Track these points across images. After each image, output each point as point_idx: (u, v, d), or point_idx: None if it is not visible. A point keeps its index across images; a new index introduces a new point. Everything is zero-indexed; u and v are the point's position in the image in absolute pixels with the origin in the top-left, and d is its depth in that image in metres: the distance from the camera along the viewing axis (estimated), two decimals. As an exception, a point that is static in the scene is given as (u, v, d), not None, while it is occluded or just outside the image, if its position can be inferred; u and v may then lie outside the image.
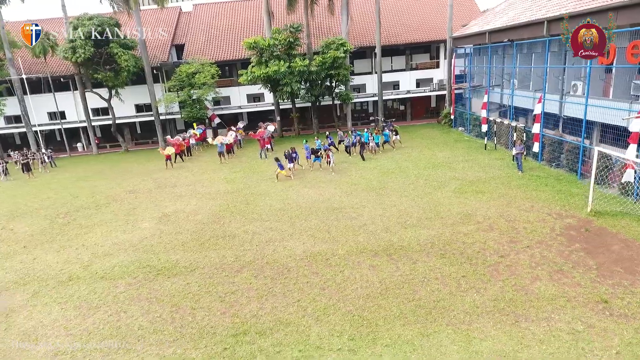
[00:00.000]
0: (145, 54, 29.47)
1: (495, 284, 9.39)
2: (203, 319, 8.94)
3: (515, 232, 11.89)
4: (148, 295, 10.17)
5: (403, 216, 13.79)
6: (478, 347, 7.42)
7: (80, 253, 13.02)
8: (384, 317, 8.51)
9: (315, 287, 9.87)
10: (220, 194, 18.07)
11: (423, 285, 9.55)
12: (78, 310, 9.69)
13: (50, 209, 17.98)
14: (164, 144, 28.77)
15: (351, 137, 23.27)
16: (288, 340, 8.04)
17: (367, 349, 7.61)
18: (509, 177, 17.10)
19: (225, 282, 10.47)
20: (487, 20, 24.97)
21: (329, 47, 27.24)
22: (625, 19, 13.79)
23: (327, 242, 12.28)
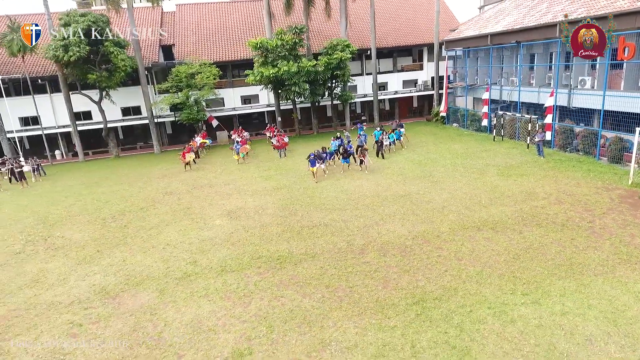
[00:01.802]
0: (138, 54, 28.05)
1: (604, 243, 10.82)
2: (370, 294, 9.25)
3: (583, 203, 13.58)
4: (290, 280, 10.19)
5: (472, 197, 14.98)
6: (637, 288, 8.66)
7: (171, 252, 12.44)
8: (536, 275, 9.50)
9: (450, 259, 10.58)
10: (271, 191, 18.00)
11: (545, 249, 10.70)
12: (230, 301, 9.46)
13: (88, 215, 16.66)
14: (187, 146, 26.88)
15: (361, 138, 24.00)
16: (468, 302, 8.69)
17: (545, 300, 8.50)
18: (536, 162, 19.13)
19: (358, 263, 10.79)
20: (481, 24, 27.41)
21: (334, 48, 28.05)
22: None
23: (423, 223, 13.05)
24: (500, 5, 28.23)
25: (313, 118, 32.31)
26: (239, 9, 36.66)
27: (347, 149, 20.55)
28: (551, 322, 7.83)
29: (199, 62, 28.82)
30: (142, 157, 29.39)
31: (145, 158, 29.02)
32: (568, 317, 7.94)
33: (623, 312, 7.98)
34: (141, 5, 34.41)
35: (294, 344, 7.80)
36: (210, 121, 31.01)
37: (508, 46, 24.28)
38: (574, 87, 20.27)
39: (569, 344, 7.23)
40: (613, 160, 17.81)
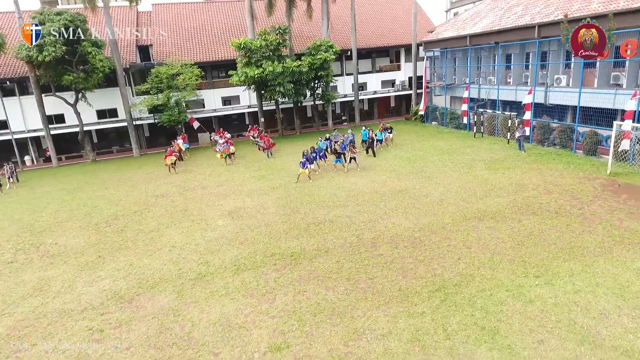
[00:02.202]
0: (116, 55, 27.18)
1: (597, 227, 11.62)
2: (391, 284, 9.52)
3: (570, 193, 14.49)
4: (310, 275, 10.30)
5: (467, 190, 15.62)
6: (636, 266, 9.39)
7: (179, 253, 12.23)
8: (543, 259, 10.09)
9: (460, 248, 11.04)
10: (267, 190, 17.98)
11: (545, 235, 11.37)
12: (253, 298, 9.46)
13: (77, 221, 16.01)
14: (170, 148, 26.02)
15: (349, 136, 24.33)
16: (487, 286, 9.13)
17: (557, 281, 9.07)
18: (518, 156, 20.15)
19: (372, 256, 11.05)
20: (459, 26, 28.49)
21: (317, 49, 28.31)
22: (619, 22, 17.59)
23: (426, 216, 13.50)
24: (476, 8, 29.48)
25: (296, 118, 32.41)
26: (217, 9, 36.23)
27: (341, 149, 20.52)
28: (566, 300, 8.40)
29: (180, 62, 28.26)
30: (121, 161, 28.44)
31: (124, 162, 28.10)
32: (580, 294, 8.53)
33: (627, 287, 8.66)
34: (116, 5, 33.26)
35: (329, 335, 7.94)
36: (191, 123, 30.43)
37: (486, 47, 25.39)
38: (550, 85, 21.51)
39: (586, 318, 7.79)
40: (588, 152, 19.06)
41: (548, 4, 21.78)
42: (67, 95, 27.15)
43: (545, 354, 6.97)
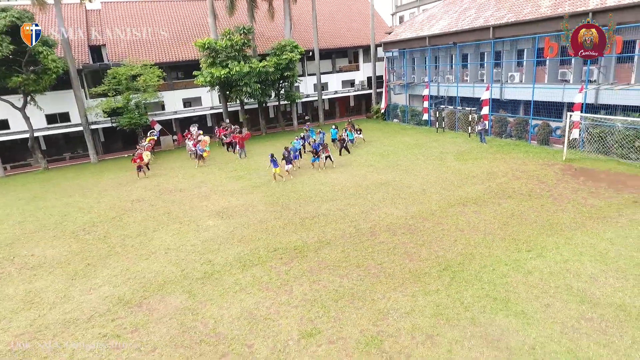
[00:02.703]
0: (69, 55, 25.48)
1: (567, 206, 12.96)
2: (401, 267, 10.02)
3: (536, 178, 15.94)
4: (319, 265, 10.53)
5: (444, 180, 16.62)
6: (608, 236, 10.66)
7: (176, 255, 11.91)
8: (529, 235, 11.11)
9: (453, 231, 11.82)
10: (250, 189, 17.88)
11: (525, 215, 12.48)
12: (270, 291, 9.52)
13: (49, 230, 14.94)
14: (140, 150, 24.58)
15: (318, 137, 24.65)
16: (487, 262, 9.91)
17: (547, 253, 10.07)
18: (481, 148, 21.68)
19: (374, 244, 11.50)
20: (416, 27, 29.93)
21: (282, 49, 28.42)
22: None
23: (414, 205, 14.22)
24: (430, 11, 31.14)
25: (261, 119, 32.26)
26: (171, 9, 35.03)
27: (316, 148, 20.46)
28: (559, 268, 9.38)
29: (140, 63, 27.08)
30: (78, 168, 26.67)
31: (82, 169, 26.37)
32: (569, 263, 9.57)
33: (606, 254, 9.84)
34: (63, 2, 30.99)
35: (356, 318, 8.26)
36: (153, 126, 29.23)
37: (445, 47, 26.95)
38: (505, 82, 23.37)
39: (580, 282, 8.79)
40: (542, 142, 20.99)
41: (499, 7, 23.67)
42: (13, 99, 24.99)
43: (554, 315, 7.81)
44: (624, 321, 7.48)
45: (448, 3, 30.04)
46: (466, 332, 7.56)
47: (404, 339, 7.53)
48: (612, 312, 7.73)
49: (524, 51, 22.40)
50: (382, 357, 7.12)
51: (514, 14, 21.67)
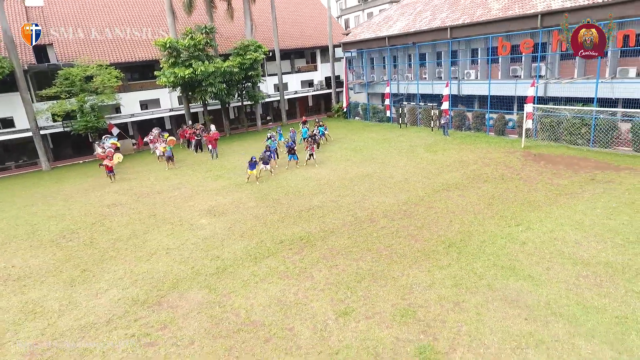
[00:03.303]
0: (14, 54, 23.41)
1: (537, 185, 14.45)
2: (409, 248, 10.67)
3: (503, 164, 17.49)
4: (331, 252, 10.87)
5: (422, 170, 17.67)
6: (579, 208, 12.11)
7: (180, 254, 11.63)
8: (514, 212, 12.29)
9: (446, 213, 12.72)
10: (233, 187, 17.72)
11: (504, 195, 13.73)
12: (291, 279, 9.70)
13: (22, 240, 13.81)
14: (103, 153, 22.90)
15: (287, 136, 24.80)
16: (485, 237, 10.86)
17: (533, 226, 11.25)
18: (446, 140, 23.20)
19: (377, 229, 12.07)
20: (374, 28, 31.15)
21: (245, 49, 28.24)
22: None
23: (401, 193, 15.03)
24: (386, 13, 32.57)
25: (224, 120, 31.74)
26: (121, 7, 33.34)
27: (291, 146, 20.57)
28: (547, 238, 10.57)
29: (94, 63, 25.53)
30: (29, 177, 24.55)
31: (35, 177, 24.32)
32: (554, 233, 10.80)
33: (582, 223, 11.23)
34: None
35: (384, 294, 8.75)
36: (110, 129, 27.66)
37: (405, 47, 28.38)
38: (461, 78, 25.20)
39: (568, 247, 9.99)
40: (499, 133, 22.96)
41: (453, 10, 25.47)
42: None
43: (556, 276, 8.85)
44: (613, 275, 8.69)
45: (403, 5, 31.66)
46: (487, 296, 8.35)
47: (434, 308, 8.15)
48: (602, 269, 8.94)
49: (478, 50, 24.37)
50: (420, 325, 7.68)
51: (468, 16, 23.49)
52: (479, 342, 7.11)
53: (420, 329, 7.58)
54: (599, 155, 17.41)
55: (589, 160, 16.86)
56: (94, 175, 23.03)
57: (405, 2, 32.09)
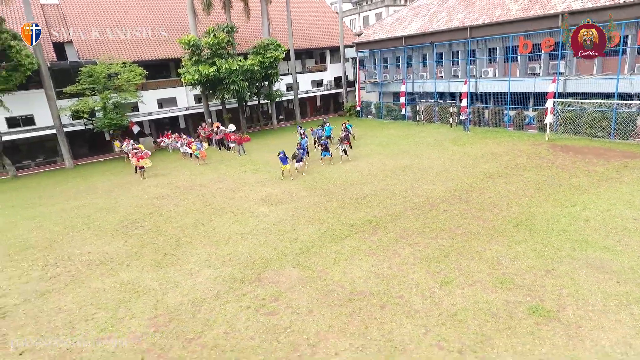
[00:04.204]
0: (40, 51, 23.33)
1: (575, 172, 15.36)
2: (480, 227, 11.34)
3: (534, 155, 18.41)
4: (405, 233, 11.45)
5: (457, 161, 18.44)
6: (624, 190, 13.02)
7: (257, 237, 12.03)
8: (565, 195, 13.10)
9: (501, 197, 13.43)
10: (276, 180, 18.13)
11: (548, 182, 14.55)
12: (379, 256, 10.24)
13: (83, 231, 13.96)
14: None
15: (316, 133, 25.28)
16: (548, 217, 11.61)
17: (589, 206, 12.05)
18: (468, 135, 24.11)
19: (440, 212, 12.68)
20: (387, 29, 32.02)
21: (266, 48, 28.69)
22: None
23: (447, 181, 15.73)
24: (397, 15, 33.53)
25: (242, 118, 32.06)
26: (138, 6, 33.36)
27: (325, 143, 20.55)
28: (606, 215, 11.35)
29: (119, 61, 25.58)
30: (54, 175, 24.40)
31: (58, 175, 24.19)
32: (611, 211, 11.61)
33: (632, 202, 12.08)
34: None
35: (475, 266, 9.38)
36: (131, 127, 27.69)
37: (420, 46, 29.30)
38: (479, 76, 26.23)
39: (629, 223, 10.79)
40: (518, 128, 24.02)
41: (470, 10, 26.54)
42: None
43: (629, 246, 9.65)
44: (680, 244, 9.57)
45: (414, 7, 32.66)
46: (573, 265, 9.08)
47: (528, 276, 8.83)
48: (668, 239, 9.81)
49: (496, 49, 25.44)
50: (522, 289, 8.34)
51: (487, 16, 24.55)
52: (583, 301, 7.81)
53: (523, 292, 8.24)
54: (622, 146, 18.54)
55: (614, 151, 17.95)
56: (122, 172, 23.11)
57: (416, 4, 33.11)
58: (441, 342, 7.06)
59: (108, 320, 8.58)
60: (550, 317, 7.44)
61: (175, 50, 30.42)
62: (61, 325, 8.57)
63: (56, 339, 8.09)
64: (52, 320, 8.76)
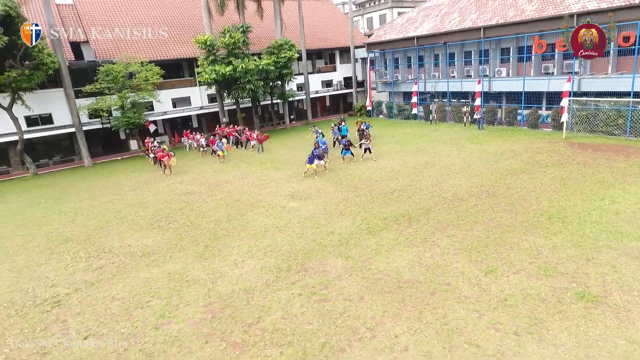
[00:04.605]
0: (60, 50, 23.59)
1: (598, 168, 15.66)
2: (514, 220, 11.62)
3: (553, 152, 18.72)
4: (440, 225, 11.72)
5: (478, 158, 18.73)
6: (636, 189, 13.42)
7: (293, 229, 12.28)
8: (591, 190, 13.39)
9: (528, 192, 13.72)
10: (300, 177, 18.36)
11: (572, 177, 14.85)
12: (417, 247, 10.52)
13: (117, 225, 14.18)
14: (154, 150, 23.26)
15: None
16: (578, 210, 11.89)
17: (617, 200, 12.35)
18: (483, 133, 24.43)
19: (471, 206, 12.97)
20: (399, 30, 32.38)
21: (280, 48, 29.02)
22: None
23: (471, 178, 16.01)
24: (407, 15, 33.91)
25: (255, 117, 32.35)
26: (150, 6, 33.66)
27: (346, 142, 20.75)
28: (636, 208, 11.65)
29: (138, 60, 25.86)
30: (74, 173, 24.61)
31: (78, 173, 24.40)
32: (639, 205, 11.95)
33: (659, 197, 12.47)
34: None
35: (515, 256, 9.66)
36: (147, 126, 27.94)
37: (432, 46, 29.67)
38: (492, 76, 26.59)
39: (659, 216, 11.17)
40: (532, 126, 24.36)
41: (482, 11, 26.91)
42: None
43: (663, 236, 9.98)
44: None
45: (425, 8, 33.04)
46: (612, 254, 9.37)
47: (569, 264, 9.11)
48: (701, 230, 10.12)
49: (510, 49, 25.81)
50: (566, 277, 8.62)
51: (500, 17, 24.92)
52: (628, 287, 8.10)
53: (568, 279, 8.53)
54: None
55: (633, 148, 18.28)
56: (142, 170, 23.34)
57: (426, 5, 33.49)
58: (496, 325, 7.34)
59: (163, 307, 8.85)
60: (598, 302, 7.73)
61: (189, 50, 30.73)
62: (118, 312, 8.83)
63: (116, 325, 8.36)
64: (108, 308, 9.02)
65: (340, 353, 7.00)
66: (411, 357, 6.75)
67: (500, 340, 6.96)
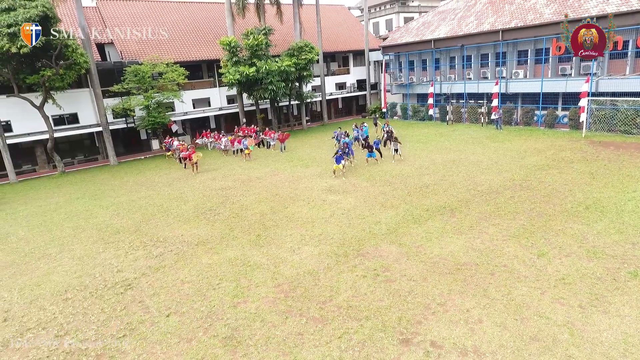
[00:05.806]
0: (90, 50, 24.15)
1: (623, 164, 16.22)
2: (553, 210, 12.15)
3: (576, 149, 19.30)
4: (482, 215, 12.25)
5: (503, 156, 19.29)
6: (677, 180, 13.97)
7: (339, 220, 12.79)
8: (622, 183, 13.95)
9: (559, 186, 14.28)
10: (331, 173, 18.83)
11: (599, 172, 15.38)
12: (465, 235, 11.04)
13: (163, 218, 14.67)
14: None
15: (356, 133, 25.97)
16: (614, 201, 12.44)
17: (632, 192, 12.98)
18: (502, 133, 25.03)
19: (507, 199, 13.49)
20: (415, 33, 33.07)
21: (300, 50, 29.65)
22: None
23: (501, 173, 16.55)
24: (422, 19, 34.63)
25: (273, 118, 32.92)
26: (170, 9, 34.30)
27: (371, 144, 20.70)
28: (669, 200, 12.28)
29: (164, 61, 26.44)
30: (101, 171, 25.06)
31: (105, 171, 24.84)
32: (672, 196, 12.53)
33: (689, 189, 13.03)
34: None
35: (562, 241, 10.18)
36: (169, 126, 28.46)
37: (449, 49, 30.34)
38: (509, 78, 27.24)
39: (693, 206, 11.72)
40: (549, 126, 24.98)
41: (500, 14, 27.62)
42: (31, 96, 22.98)
43: (701, 223, 10.52)
44: None
45: (440, 12, 33.78)
46: (655, 239, 9.92)
47: (616, 247, 9.64)
48: None
49: (527, 51, 26.47)
50: (616, 259, 9.14)
51: (519, 20, 25.61)
52: (678, 267, 8.64)
53: (619, 261, 9.05)
54: (659, 142, 19.51)
55: (653, 146, 18.91)
56: (170, 168, 23.81)
57: (441, 9, 34.24)
58: (560, 300, 7.85)
59: (235, 288, 9.33)
60: (652, 280, 8.27)
61: (210, 52, 31.36)
62: (192, 293, 9.31)
63: (194, 304, 8.83)
64: (180, 290, 9.50)
65: (418, 325, 7.50)
66: (487, 328, 7.25)
67: (567, 313, 7.47)
